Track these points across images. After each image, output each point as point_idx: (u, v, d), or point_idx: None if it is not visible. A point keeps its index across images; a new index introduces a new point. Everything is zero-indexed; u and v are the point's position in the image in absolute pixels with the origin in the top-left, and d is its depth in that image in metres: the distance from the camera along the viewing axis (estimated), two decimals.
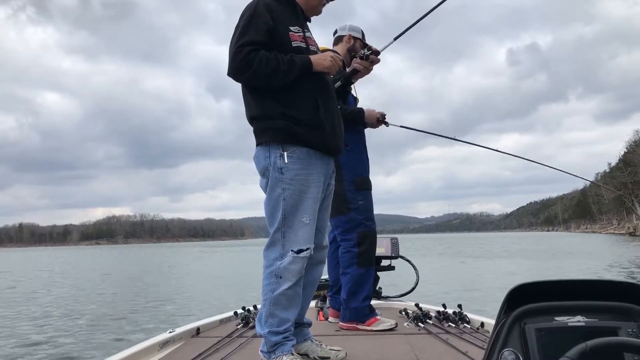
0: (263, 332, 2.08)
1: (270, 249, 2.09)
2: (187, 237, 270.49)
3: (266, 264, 2.10)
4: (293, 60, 2.03)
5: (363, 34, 3.23)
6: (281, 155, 2.04)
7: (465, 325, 2.97)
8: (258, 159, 2.12)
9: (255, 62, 1.96)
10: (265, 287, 2.08)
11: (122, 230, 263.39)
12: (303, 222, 2.06)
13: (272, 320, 2.06)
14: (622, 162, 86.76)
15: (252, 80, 2.03)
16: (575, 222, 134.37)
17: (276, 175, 2.05)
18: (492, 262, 21.62)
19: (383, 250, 3.75)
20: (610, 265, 17.16)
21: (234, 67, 2.00)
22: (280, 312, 2.07)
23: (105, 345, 6.93)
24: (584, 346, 0.96)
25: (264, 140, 2.08)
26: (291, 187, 2.04)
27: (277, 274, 2.05)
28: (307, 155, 2.07)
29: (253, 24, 2.02)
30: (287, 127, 2.03)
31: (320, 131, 2.08)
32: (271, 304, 2.06)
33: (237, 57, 1.97)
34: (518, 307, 1.28)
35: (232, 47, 2.01)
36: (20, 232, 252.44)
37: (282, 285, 2.05)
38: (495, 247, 29.52)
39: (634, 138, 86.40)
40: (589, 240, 44.84)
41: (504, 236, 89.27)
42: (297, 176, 2.05)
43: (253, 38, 1.99)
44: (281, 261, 2.05)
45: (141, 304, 11.24)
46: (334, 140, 2.15)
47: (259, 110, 2.09)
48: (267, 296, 2.07)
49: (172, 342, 2.74)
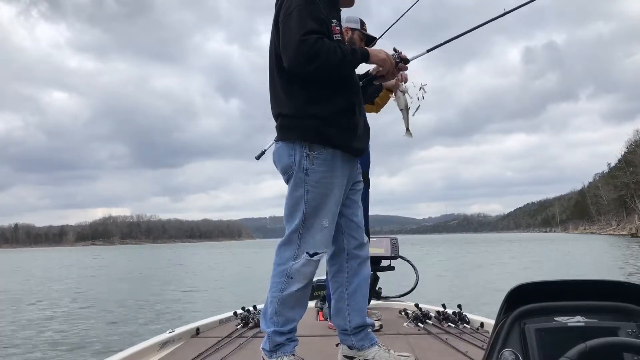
0: (268, 329, 2.05)
1: (284, 247, 2.03)
2: (184, 238, 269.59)
3: (278, 261, 2.04)
4: (355, 50, 1.95)
5: (362, 22, 3.05)
6: (308, 155, 1.96)
7: (465, 326, 2.98)
8: (280, 156, 2.03)
9: (323, 52, 1.82)
10: (275, 284, 2.04)
11: (118, 231, 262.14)
12: (322, 226, 2.01)
13: (277, 318, 2.03)
14: (624, 162, 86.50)
15: (318, 72, 1.88)
16: (574, 223, 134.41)
17: (301, 176, 1.98)
18: (492, 262, 21.61)
19: (383, 251, 3.75)
20: (612, 266, 17.13)
21: (299, 57, 1.84)
22: (286, 312, 2.03)
23: (105, 345, 6.92)
24: (584, 346, 0.97)
25: (290, 137, 1.99)
26: (315, 190, 1.98)
27: (288, 274, 2.01)
28: (334, 157, 1.99)
29: (310, 12, 1.89)
30: (318, 127, 1.95)
31: (351, 133, 2.03)
32: (279, 303, 2.02)
33: (304, 47, 1.82)
34: (518, 307, 1.29)
35: (294, 36, 1.84)
36: (16, 232, 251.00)
37: (292, 286, 2.01)
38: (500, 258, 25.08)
39: (634, 138, 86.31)
40: (593, 244, 39.32)
41: (503, 238, 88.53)
42: (322, 179, 1.98)
43: (315, 27, 1.86)
44: (294, 262, 2.00)
45: (141, 304, 11.22)
46: (361, 142, 2.10)
47: (289, 107, 1.99)
48: (276, 294, 2.03)
49: (172, 342, 2.74)
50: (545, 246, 38.21)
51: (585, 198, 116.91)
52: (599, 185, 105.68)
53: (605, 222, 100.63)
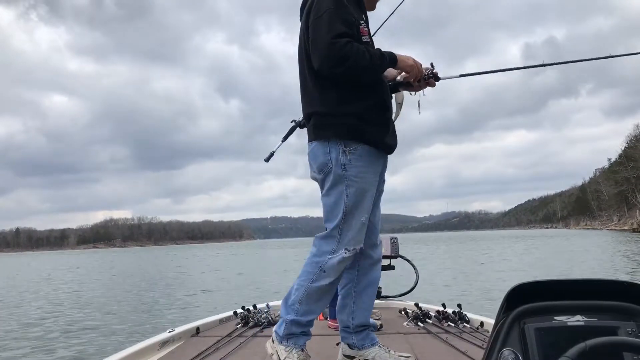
0: (287, 316, 2.05)
1: (324, 241, 2.04)
2: (185, 240, 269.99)
3: (315, 252, 2.04)
4: (383, 55, 1.97)
5: None
6: (344, 151, 1.98)
7: (464, 325, 2.98)
8: (316, 155, 2.04)
9: (352, 55, 1.86)
10: (306, 273, 2.04)
11: (119, 233, 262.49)
12: (361, 222, 2.02)
13: (299, 307, 2.03)
14: (624, 157, 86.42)
15: (347, 74, 1.92)
16: (575, 219, 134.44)
17: (339, 172, 1.99)
18: (492, 261, 21.61)
19: (382, 250, 3.74)
20: (612, 264, 17.12)
21: (329, 60, 1.88)
22: (310, 303, 2.04)
23: (105, 345, 6.92)
24: (584, 346, 0.96)
25: (325, 136, 2.00)
26: (355, 185, 1.99)
27: (322, 267, 2.01)
28: (369, 152, 2.01)
29: (341, 15, 1.92)
30: (352, 123, 1.97)
31: (384, 129, 2.05)
32: (305, 292, 2.03)
33: (334, 49, 1.86)
34: (517, 307, 1.28)
35: (325, 39, 1.88)
36: (17, 236, 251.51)
37: (324, 280, 2.01)
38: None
39: (634, 133, 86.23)
40: (598, 241, 36.92)
41: (504, 235, 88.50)
42: (360, 174, 1.99)
43: (345, 30, 1.89)
44: (331, 256, 2.01)
45: (141, 304, 11.24)
46: (393, 139, 2.12)
47: (324, 105, 2.01)
48: (305, 284, 2.03)
49: (172, 342, 2.74)
50: (546, 243, 38.18)
51: (586, 194, 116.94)
52: (600, 181, 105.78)
53: (606, 218, 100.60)
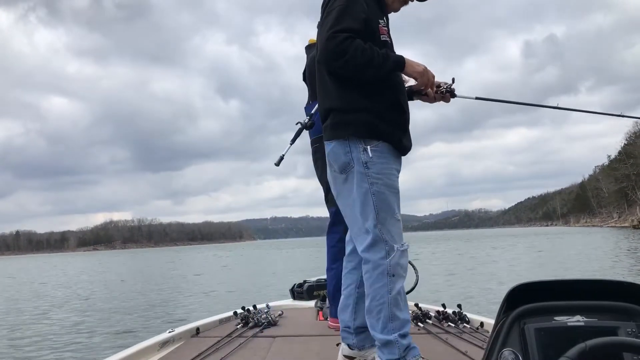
0: (392, 337, 1.92)
1: (373, 250, 1.94)
2: (186, 241, 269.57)
3: (373, 266, 1.94)
4: (388, 56, 1.94)
5: None
6: (364, 149, 1.95)
7: (464, 325, 2.97)
8: (337, 155, 2.00)
9: (349, 50, 1.85)
10: (379, 289, 1.93)
11: (119, 235, 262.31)
12: (395, 218, 1.97)
13: (393, 324, 1.92)
14: (624, 154, 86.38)
15: (343, 69, 1.91)
16: (575, 216, 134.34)
17: (361, 170, 1.95)
18: (492, 260, 21.60)
19: None
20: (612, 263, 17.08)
21: (326, 53, 1.89)
22: (400, 314, 1.94)
23: (105, 345, 6.94)
24: (584, 346, 0.96)
25: (344, 135, 1.97)
26: (379, 182, 1.94)
27: (389, 272, 1.92)
28: (389, 150, 1.99)
29: (351, 10, 1.92)
30: (372, 121, 1.95)
31: (402, 130, 2.04)
32: (391, 306, 1.92)
33: (331, 43, 1.86)
34: (517, 307, 1.29)
35: (326, 32, 1.89)
36: (17, 239, 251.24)
37: (397, 283, 1.93)
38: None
39: (633, 129, 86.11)
40: (600, 238, 35.47)
41: (504, 234, 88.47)
42: (383, 170, 1.95)
43: (350, 25, 1.88)
44: (390, 258, 1.92)
45: (141, 304, 11.24)
46: (409, 141, 2.10)
47: (341, 102, 1.99)
48: (384, 299, 1.92)
49: (172, 342, 2.75)
50: (546, 241, 38.18)
51: (586, 191, 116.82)
52: (600, 178, 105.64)
53: (606, 215, 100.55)
